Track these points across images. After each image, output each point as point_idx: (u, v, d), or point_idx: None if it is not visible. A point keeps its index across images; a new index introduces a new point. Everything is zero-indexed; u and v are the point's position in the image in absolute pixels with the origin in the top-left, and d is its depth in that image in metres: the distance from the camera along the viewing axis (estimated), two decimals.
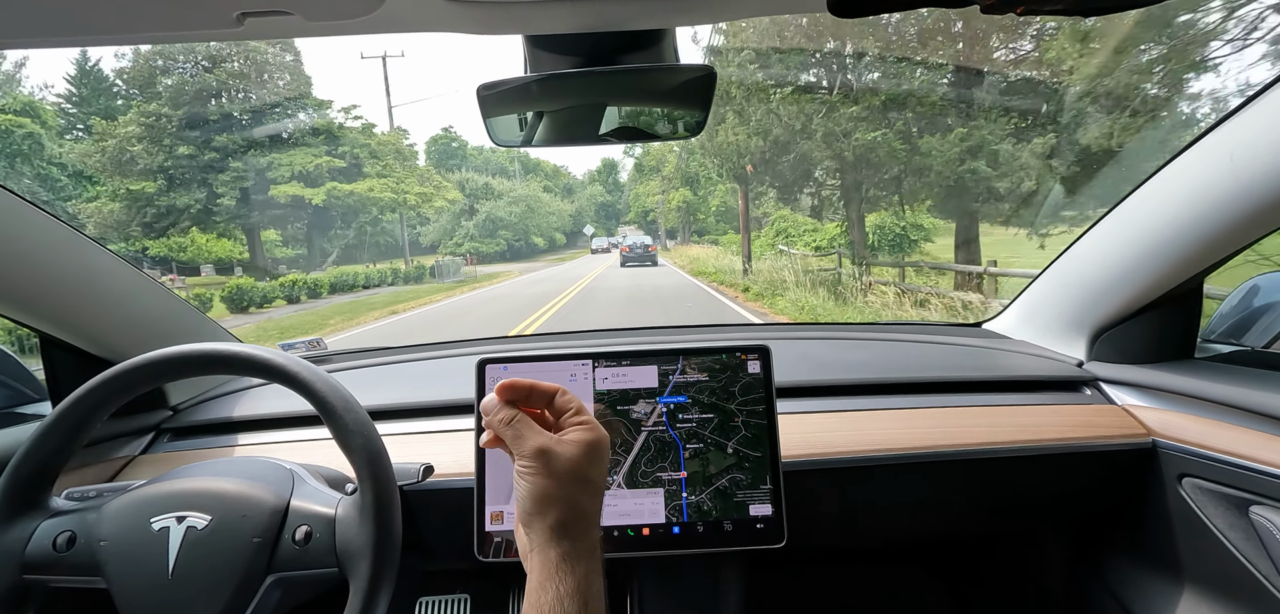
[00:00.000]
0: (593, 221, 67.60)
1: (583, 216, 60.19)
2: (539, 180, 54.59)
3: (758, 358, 0.84)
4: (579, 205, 60.51)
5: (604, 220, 69.69)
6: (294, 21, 0.51)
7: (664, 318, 9.12)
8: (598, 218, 70.01)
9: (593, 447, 0.51)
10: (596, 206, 69.91)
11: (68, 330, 0.93)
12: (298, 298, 16.68)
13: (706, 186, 29.82)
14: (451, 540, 0.86)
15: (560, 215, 51.63)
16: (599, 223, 68.94)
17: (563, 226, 52.01)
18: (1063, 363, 1.09)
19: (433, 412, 1.01)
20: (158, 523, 0.65)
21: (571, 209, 56.35)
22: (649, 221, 53.06)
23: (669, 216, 42.53)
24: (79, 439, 0.68)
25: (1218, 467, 0.82)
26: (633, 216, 57.14)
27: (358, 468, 0.65)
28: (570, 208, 56.21)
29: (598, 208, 70.01)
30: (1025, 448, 0.92)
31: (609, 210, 70.93)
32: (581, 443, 0.51)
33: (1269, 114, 0.70)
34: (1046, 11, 0.38)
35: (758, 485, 0.81)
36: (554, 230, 47.49)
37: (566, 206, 55.63)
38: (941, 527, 1.11)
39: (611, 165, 75.86)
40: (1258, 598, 0.78)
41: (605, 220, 69.54)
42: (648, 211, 51.42)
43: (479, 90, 0.68)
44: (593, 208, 69.06)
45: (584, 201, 63.08)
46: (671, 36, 0.67)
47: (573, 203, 57.72)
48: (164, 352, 0.68)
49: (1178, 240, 0.85)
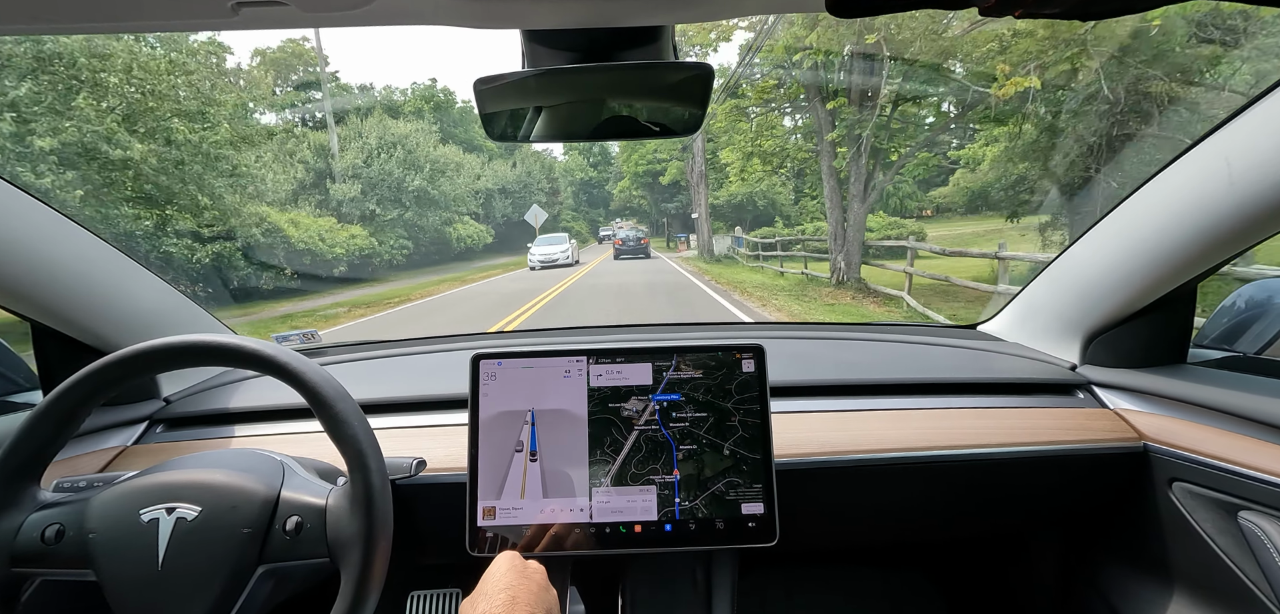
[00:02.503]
0: (569, 206, 43.17)
1: (529, 191, 31.97)
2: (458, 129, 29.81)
3: (752, 357, 0.84)
4: (527, 176, 32.38)
5: (586, 208, 45.99)
6: (289, 12, 0.51)
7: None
8: (577, 204, 45.44)
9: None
10: (575, 188, 45.70)
11: (59, 320, 0.93)
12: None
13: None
14: (444, 534, 0.86)
15: (491, 189, 29.06)
16: (579, 212, 44.81)
17: (503, 213, 30.06)
18: (1056, 366, 1.09)
19: (426, 406, 1.00)
20: (147, 514, 0.65)
21: (513, 177, 31.20)
22: (674, 209, 35.62)
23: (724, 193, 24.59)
24: (69, 430, 0.68)
25: (1208, 472, 0.83)
26: (625, 184, 36.65)
27: (349, 460, 0.65)
28: (512, 174, 31.22)
29: (577, 189, 45.85)
30: (1017, 450, 0.93)
31: (593, 193, 46.74)
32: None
33: (1266, 120, 0.71)
34: (1045, 15, 0.38)
35: (751, 484, 0.81)
36: (464, 224, 24.33)
37: (504, 172, 30.83)
38: (934, 527, 1.11)
39: None
40: (1245, 602, 0.79)
41: (588, 209, 46.01)
42: (656, 177, 33.04)
43: (476, 84, 0.68)
44: (569, 190, 44.21)
45: (538, 171, 33.90)
46: (670, 33, 0.67)
47: (516, 168, 31.49)
48: (156, 342, 0.68)
49: (1173, 245, 0.85)
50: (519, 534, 0.80)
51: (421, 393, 1.02)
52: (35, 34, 0.70)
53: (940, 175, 23.41)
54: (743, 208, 27.68)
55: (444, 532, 0.86)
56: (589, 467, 0.82)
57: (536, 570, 0.65)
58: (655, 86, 0.72)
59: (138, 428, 1.00)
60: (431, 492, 0.87)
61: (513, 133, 0.75)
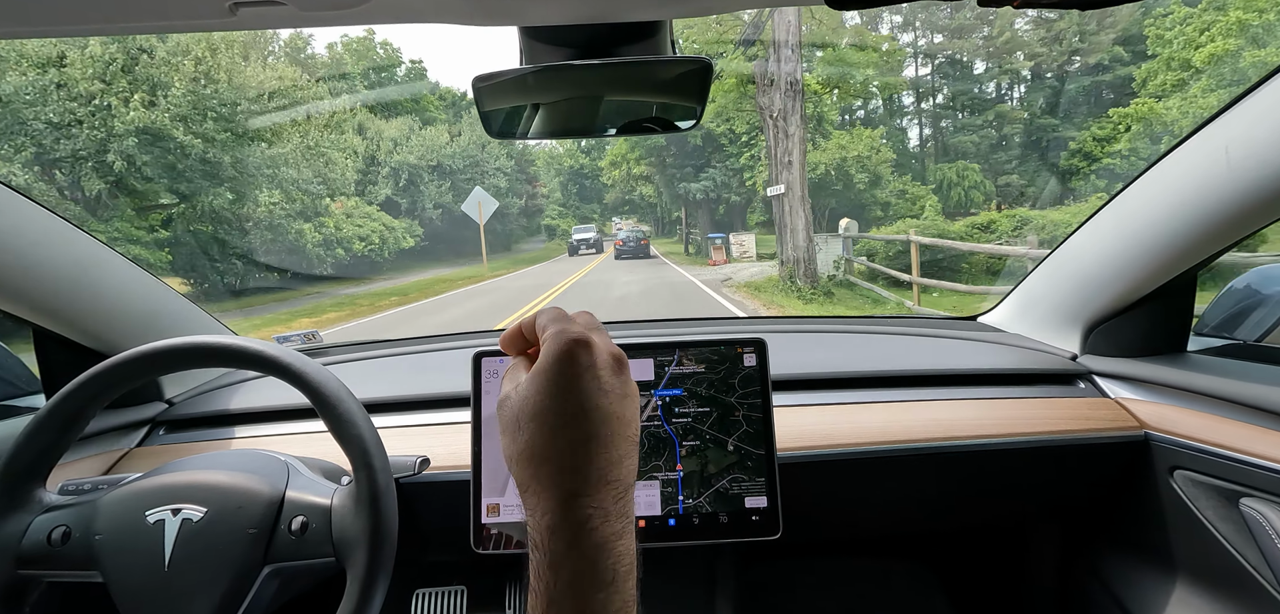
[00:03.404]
0: (557, 200, 34.50)
1: (478, 167, 23.74)
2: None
3: (754, 351, 0.84)
4: (474, 144, 23.30)
5: (576, 202, 36.18)
6: (287, 11, 0.51)
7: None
8: (567, 198, 35.74)
9: (547, 372, 0.38)
10: (563, 177, 35.74)
11: (61, 323, 0.93)
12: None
13: None
14: (448, 532, 0.87)
15: (416, 166, 20.75)
16: (569, 207, 35.80)
17: (437, 202, 21.17)
18: (1056, 356, 1.09)
19: (429, 404, 1.00)
20: (153, 515, 0.65)
21: (454, 152, 22.65)
22: (700, 194, 20.63)
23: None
24: (73, 433, 0.68)
25: (1209, 459, 0.83)
26: (621, 153, 23.21)
27: (353, 459, 0.65)
28: (447, 149, 22.37)
29: (565, 180, 35.76)
30: (1019, 441, 0.93)
31: (584, 184, 35.81)
32: (536, 373, 0.39)
33: (1265, 108, 0.70)
34: (1042, 4, 0.38)
35: (754, 478, 0.81)
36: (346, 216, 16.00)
37: (435, 140, 22.04)
38: (936, 519, 1.11)
39: None
40: (1247, 588, 0.79)
41: (578, 203, 36.21)
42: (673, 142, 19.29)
43: (475, 82, 0.68)
44: (557, 182, 35.04)
45: (497, 146, 23.47)
46: (668, 29, 0.67)
47: (458, 140, 23.18)
48: (158, 344, 0.68)
49: (1173, 234, 0.85)
50: (523, 531, 0.80)
51: (424, 391, 1.02)
52: (34, 36, 0.70)
53: None
54: (824, 187, 15.72)
55: (448, 529, 0.86)
56: None
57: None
58: (654, 81, 0.72)
59: (141, 430, 1.01)
60: (435, 490, 0.87)
61: (512, 130, 0.76)
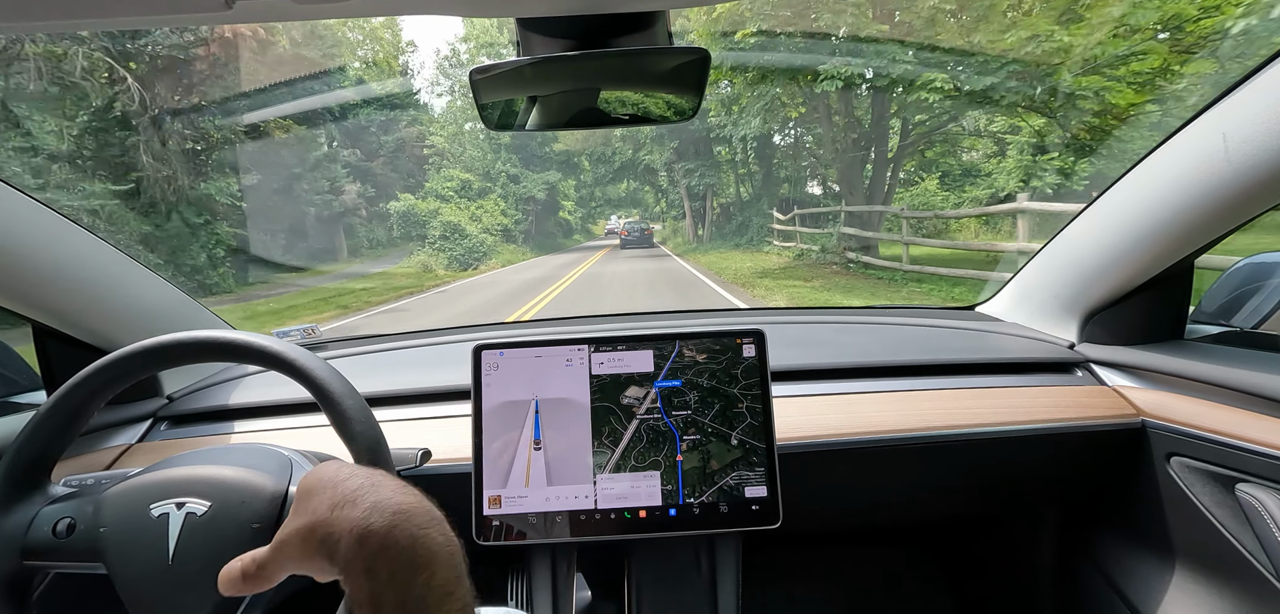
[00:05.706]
0: (588, 181, 26.22)
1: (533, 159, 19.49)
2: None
3: (753, 341, 0.85)
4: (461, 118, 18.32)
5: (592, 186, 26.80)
6: (284, 3, 0.51)
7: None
8: (597, 179, 25.47)
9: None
10: (577, 190, 27.33)
11: (61, 320, 0.93)
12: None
13: None
14: (450, 524, 0.87)
15: None
16: (588, 211, 29.69)
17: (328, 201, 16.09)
18: (1054, 345, 1.10)
19: (429, 397, 1.01)
20: (157, 509, 0.65)
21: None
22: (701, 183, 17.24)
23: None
24: (76, 427, 0.68)
25: (1205, 445, 0.83)
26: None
27: (355, 453, 0.65)
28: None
29: (578, 193, 27.82)
30: (1016, 429, 0.93)
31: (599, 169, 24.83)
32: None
33: (1262, 95, 0.70)
34: None
35: (754, 468, 0.82)
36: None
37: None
38: (934, 507, 1.12)
39: None
40: (1243, 572, 0.80)
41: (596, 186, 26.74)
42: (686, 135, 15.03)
43: (472, 74, 0.68)
44: (570, 183, 25.92)
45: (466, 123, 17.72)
46: (665, 19, 0.67)
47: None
48: (158, 339, 0.68)
49: (1170, 222, 0.85)
50: (525, 522, 0.81)
51: (424, 385, 1.02)
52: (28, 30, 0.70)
53: None
54: None
55: (450, 521, 0.87)
56: (593, 454, 0.82)
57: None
58: (652, 72, 0.72)
59: (141, 426, 1.01)
60: (437, 482, 0.88)
61: (509, 122, 0.76)
